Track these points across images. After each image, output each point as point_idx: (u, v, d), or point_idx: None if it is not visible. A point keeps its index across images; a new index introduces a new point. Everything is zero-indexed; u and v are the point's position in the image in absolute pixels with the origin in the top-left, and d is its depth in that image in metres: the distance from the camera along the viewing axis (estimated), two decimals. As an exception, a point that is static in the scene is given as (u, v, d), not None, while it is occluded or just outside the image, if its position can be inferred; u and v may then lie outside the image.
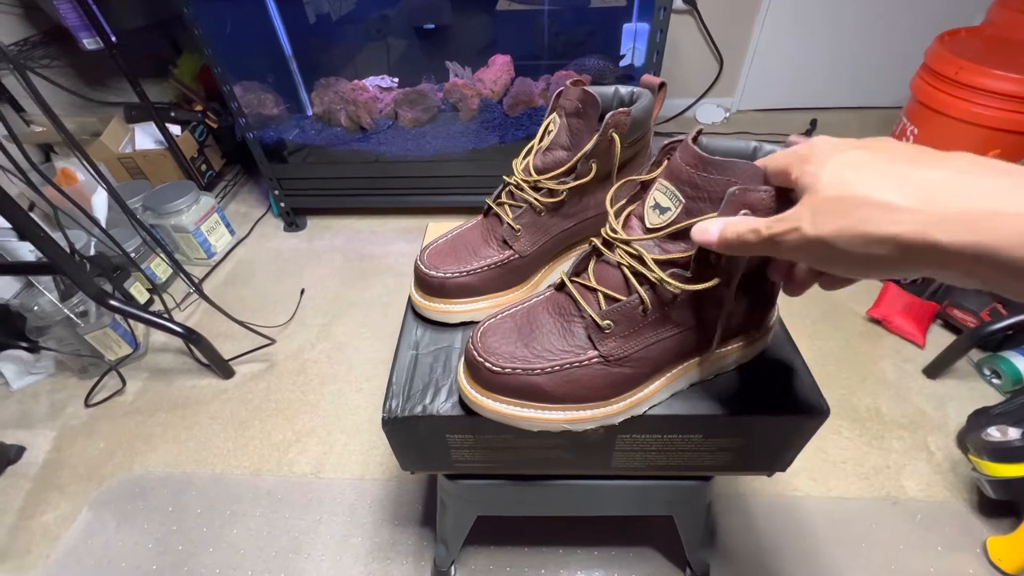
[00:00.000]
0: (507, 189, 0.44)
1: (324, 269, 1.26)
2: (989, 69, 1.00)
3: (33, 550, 0.76)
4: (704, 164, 0.29)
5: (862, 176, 0.21)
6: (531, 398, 0.35)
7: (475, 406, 0.37)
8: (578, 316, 0.36)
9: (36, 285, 0.92)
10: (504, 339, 0.36)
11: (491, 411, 0.36)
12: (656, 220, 0.32)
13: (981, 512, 0.74)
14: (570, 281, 0.37)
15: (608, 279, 0.35)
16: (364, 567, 0.72)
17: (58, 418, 0.95)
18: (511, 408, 0.36)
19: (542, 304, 0.38)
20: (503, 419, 0.36)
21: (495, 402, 0.36)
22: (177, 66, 1.47)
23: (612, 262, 0.35)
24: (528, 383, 0.35)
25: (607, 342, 0.34)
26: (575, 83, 0.40)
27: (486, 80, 1.29)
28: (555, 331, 0.36)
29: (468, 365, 0.37)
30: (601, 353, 0.34)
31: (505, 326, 0.37)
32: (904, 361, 0.96)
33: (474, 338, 0.37)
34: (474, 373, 0.36)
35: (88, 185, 1.19)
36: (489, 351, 0.35)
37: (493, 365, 0.35)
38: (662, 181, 0.32)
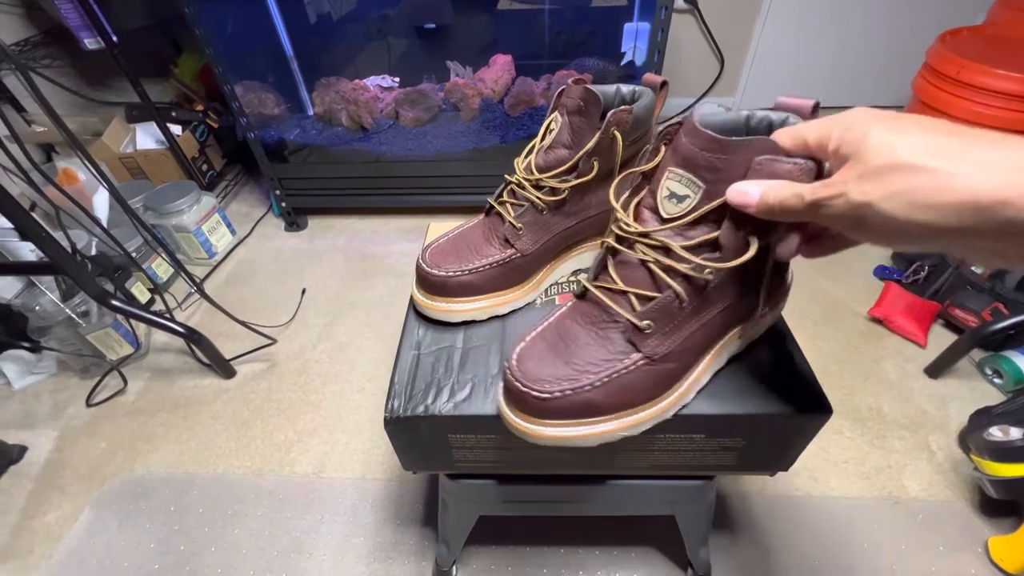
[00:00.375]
0: (509, 188, 0.44)
1: (325, 269, 1.26)
2: (991, 68, 1.00)
3: (35, 550, 0.76)
4: (721, 146, 0.29)
5: (911, 142, 0.21)
6: (584, 415, 0.33)
7: (528, 436, 0.34)
8: (612, 322, 0.34)
9: (38, 285, 0.92)
10: (541, 361, 0.34)
11: (547, 438, 0.34)
12: (674, 209, 0.31)
13: (983, 512, 0.74)
14: (594, 287, 0.36)
15: (634, 278, 0.34)
16: (366, 567, 0.72)
17: (60, 418, 0.95)
18: (566, 430, 0.34)
19: (567, 316, 0.37)
20: (561, 443, 0.34)
21: (549, 428, 0.33)
22: (178, 66, 1.47)
23: (633, 260, 0.34)
24: (580, 402, 0.33)
25: (648, 342, 0.33)
26: (577, 81, 0.40)
27: (487, 80, 1.29)
28: (592, 342, 0.35)
29: (511, 396, 0.34)
30: (645, 354, 0.33)
31: (538, 347, 0.35)
32: (906, 361, 0.96)
33: (511, 367, 0.34)
34: (520, 403, 0.34)
35: (89, 185, 1.20)
36: (531, 378, 0.33)
37: (540, 392, 0.33)
38: (673, 169, 0.31)
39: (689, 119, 0.31)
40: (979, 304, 0.93)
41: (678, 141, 0.31)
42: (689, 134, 0.30)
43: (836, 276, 1.14)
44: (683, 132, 0.31)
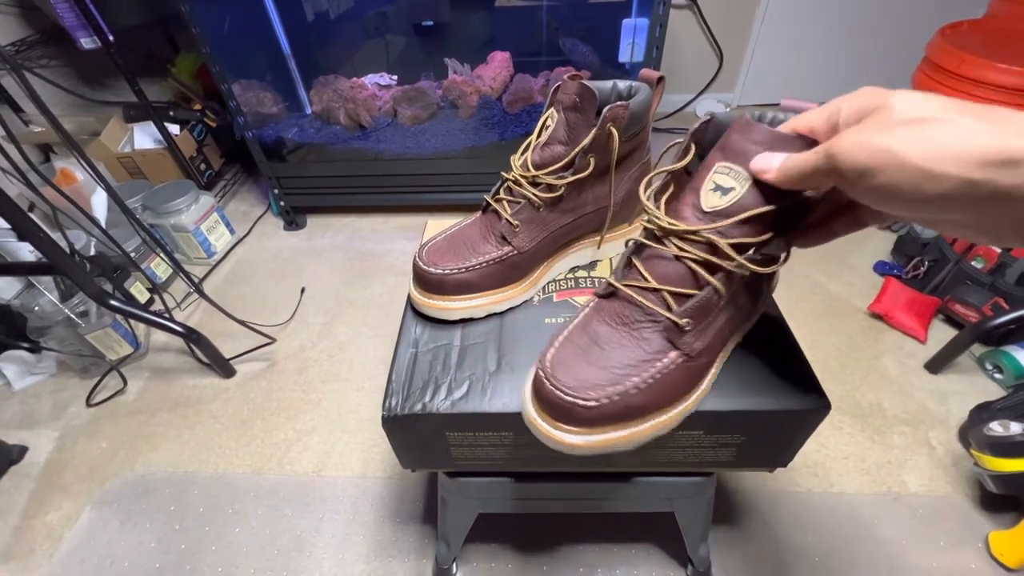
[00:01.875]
0: (505, 185, 0.44)
1: (324, 268, 1.26)
2: (991, 62, 0.99)
3: (36, 550, 0.76)
4: (779, 140, 0.29)
5: (936, 101, 0.22)
6: (628, 418, 0.33)
7: (576, 449, 0.33)
8: (648, 321, 0.34)
9: (36, 286, 0.92)
10: (577, 369, 0.33)
11: (596, 447, 0.33)
12: (717, 202, 0.31)
13: (983, 507, 0.74)
14: (624, 286, 0.35)
15: (669, 275, 0.33)
16: (366, 565, 0.72)
17: (60, 418, 0.95)
18: (608, 435, 0.33)
19: (593, 317, 0.36)
20: (606, 449, 0.33)
21: (596, 435, 0.32)
22: (175, 65, 1.46)
23: (667, 255, 0.33)
24: (627, 406, 0.32)
25: (686, 339, 0.33)
26: (572, 77, 0.40)
27: (485, 77, 1.29)
28: (626, 343, 0.34)
29: (554, 409, 0.33)
30: (683, 351, 0.33)
31: (569, 354, 0.34)
32: (906, 356, 0.95)
33: (548, 378, 0.33)
34: (567, 416, 0.32)
35: (87, 185, 1.19)
36: (575, 388, 0.32)
37: (587, 400, 0.31)
38: (723, 163, 0.31)
39: (742, 117, 0.31)
40: (979, 299, 0.93)
41: (728, 139, 0.31)
42: (742, 130, 0.30)
43: (836, 272, 1.14)
44: (735, 129, 0.31)
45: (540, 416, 0.34)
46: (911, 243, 1.10)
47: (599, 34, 1.28)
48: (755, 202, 0.30)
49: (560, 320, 0.45)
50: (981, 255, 0.95)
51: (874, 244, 1.21)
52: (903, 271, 1.09)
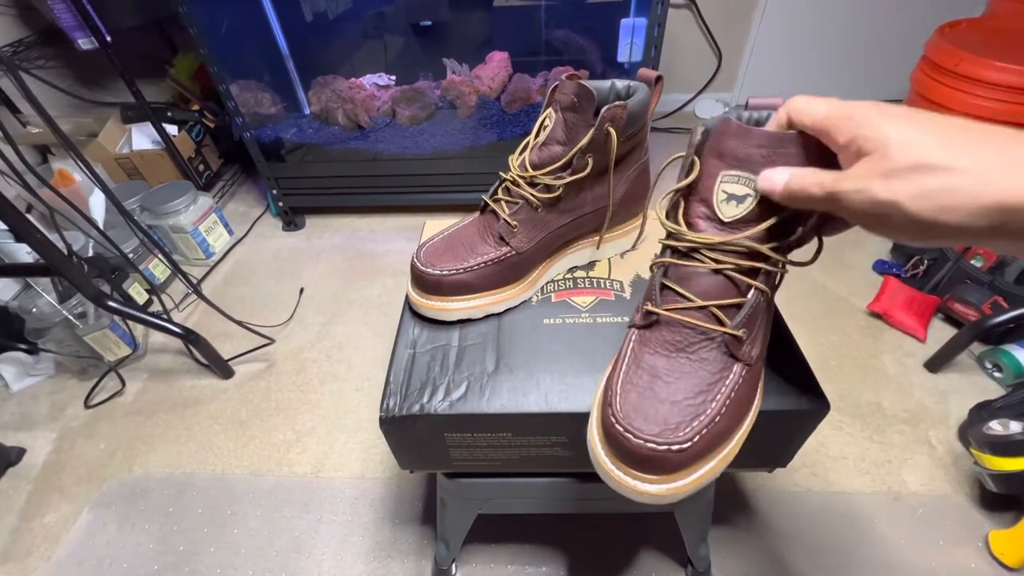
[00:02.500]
0: (503, 185, 0.44)
1: (323, 268, 1.26)
2: (990, 61, 0.99)
3: (34, 551, 0.76)
4: (780, 141, 0.29)
5: (934, 142, 0.21)
6: (716, 446, 0.31)
7: (670, 497, 0.31)
8: (703, 340, 0.33)
9: (34, 287, 0.92)
10: (651, 411, 0.31)
11: (691, 487, 0.31)
12: (734, 211, 0.31)
13: (983, 506, 0.73)
14: (665, 311, 0.33)
15: (710, 290, 0.32)
16: (365, 566, 0.72)
17: (58, 419, 0.95)
18: (700, 471, 0.31)
19: (643, 351, 0.34)
20: (694, 490, 0.31)
21: (690, 476, 0.31)
22: (173, 65, 1.46)
23: (703, 271, 0.32)
24: (717, 433, 0.31)
25: (746, 349, 0.32)
26: (570, 77, 0.40)
27: (484, 77, 1.29)
28: (688, 368, 0.32)
29: (639, 460, 0.30)
30: (744, 362, 0.32)
31: (634, 397, 0.32)
32: (905, 355, 0.95)
33: (627, 430, 0.30)
34: (654, 466, 0.30)
35: (85, 186, 1.19)
36: (658, 433, 0.30)
37: (681, 444, 0.30)
38: (729, 172, 0.31)
39: (727, 123, 0.31)
40: (979, 298, 0.93)
41: (724, 145, 0.31)
42: (738, 135, 0.30)
43: (835, 271, 1.13)
44: (728, 135, 0.31)
45: (618, 467, 0.31)
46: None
47: (597, 34, 1.28)
48: (773, 205, 0.30)
49: (558, 321, 0.45)
50: (980, 254, 0.95)
51: (873, 243, 1.21)
52: (902, 270, 1.09)
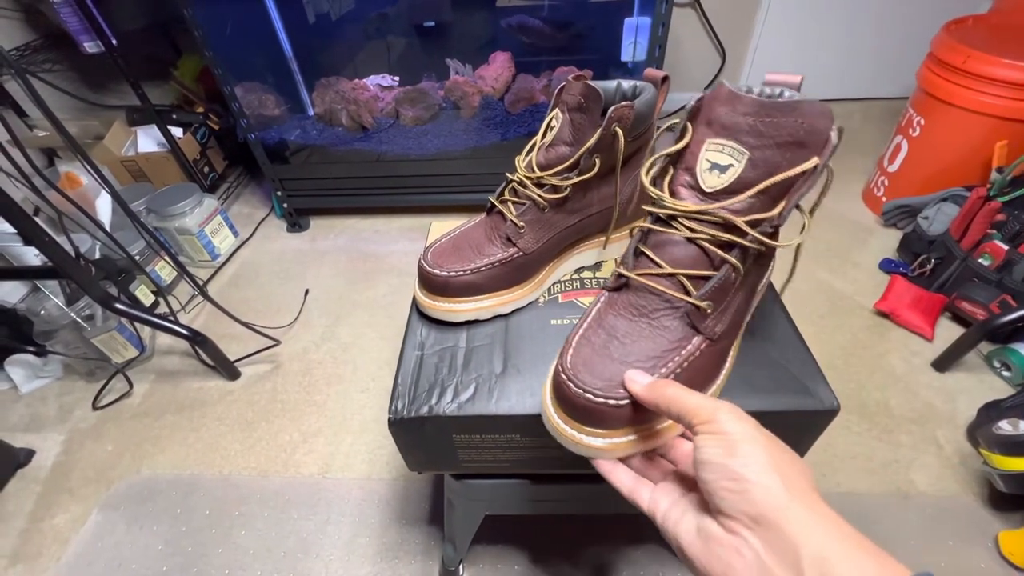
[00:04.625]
0: (510, 186, 0.44)
1: (328, 269, 1.26)
2: (997, 57, 0.99)
3: (44, 552, 0.77)
4: (768, 109, 0.28)
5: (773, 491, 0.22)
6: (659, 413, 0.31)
7: (608, 453, 0.31)
8: (667, 308, 0.32)
9: (42, 289, 0.92)
10: (600, 367, 0.31)
11: (630, 447, 0.31)
12: (716, 181, 0.30)
13: (992, 506, 0.73)
14: (635, 275, 0.33)
15: (682, 258, 0.32)
16: (372, 566, 0.72)
17: (66, 421, 0.95)
18: (639, 434, 0.31)
19: (607, 312, 0.34)
20: (636, 450, 0.31)
21: (628, 436, 0.31)
22: (178, 68, 1.47)
23: (678, 239, 0.32)
24: None
25: (710, 323, 0.32)
26: (577, 78, 0.40)
27: (487, 77, 1.29)
28: (647, 333, 0.32)
29: (581, 412, 0.30)
30: (706, 335, 0.32)
31: (588, 353, 0.32)
32: (912, 355, 0.95)
33: (571, 380, 0.30)
34: (593, 418, 0.30)
35: (92, 188, 1.20)
36: (601, 387, 0.30)
37: (618, 399, 0.29)
38: (715, 140, 0.30)
39: (721, 87, 0.30)
40: (986, 296, 0.93)
41: (713, 112, 0.30)
42: (727, 102, 0.29)
43: (841, 270, 1.13)
44: (718, 101, 0.30)
45: (563, 419, 0.32)
46: (917, 241, 1.09)
47: (601, 33, 1.28)
48: (757, 176, 0.29)
49: (566, 321, 0.45)
50: (988, 252, 0.94)
51: (879, 242, 1.21)
52: (909, 269, 1.08)
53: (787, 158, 0.28)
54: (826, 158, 0.28)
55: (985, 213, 0.94)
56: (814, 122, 0.27)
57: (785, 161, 0.28)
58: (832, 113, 0.27)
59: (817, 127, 0.27)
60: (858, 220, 1.29)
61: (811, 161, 0.28)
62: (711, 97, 0.31)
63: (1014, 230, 0.92)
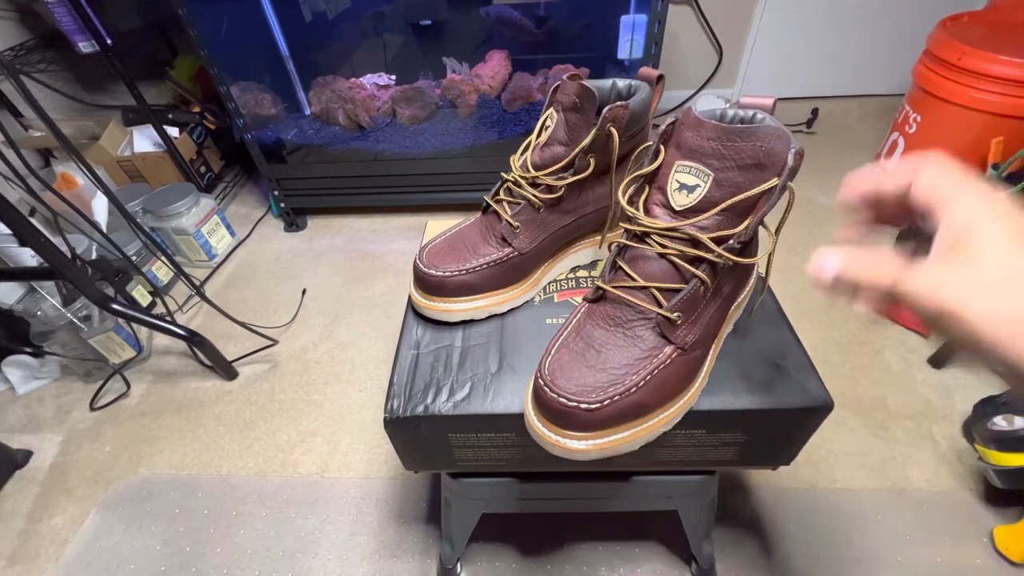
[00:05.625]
0: (505, 186, 0.44)
1: (325, 269, 1.26)
2: (993, 54, 0.99)
3: (42, 553, 0.77)
4: (729, 134, 0.30)
5: None
6: (631, 417, 0.33)
7: (581, 454, 0.33)
8: (640, 319, 0.34)
9: (39, 290, 0.92)
10: (576, 374, 0.33)
11: (601, 449, 0.33)
12: (685, 200, 0.32)
13: (987, 502, 0.73)
14: (612, 288, 0.35)
15: (654, 272, 0.34)
16: (370, 565, 0.72)
17: (64, 422, 0.95)
18: (614, 436, 0.33)
19: (586, 322, 0.36)
20: (612, 451, 0.33)
21: (601, 439, 0.33)
22: (174, 68, 1.46)
23: (650, 254, 0.34)
24: (630, 404, 0.32)
25: (680, 333, 0.34)
26: (572, 77, 0.40)
27: (484, 76, 1.29)
28: (621, 343, 0.34)
29: (556, 415, 0.33)
30: (677, 345, 0.34)
31: (566, 360, 0.34)
32: (909, 351, 0.95)
33: (547, 385, 0.33)
34: (569, 421, 0.32)
35: (88, 189, 1.19)
36: (574, 392, 0.32)
37: (590, 403, 0.32)
38: (682, 162, 0.32)
39: (688, 113, 0.32)
40: (982, 293, 0.93)
41: (681, 136, 0.32)
42: (692, 127, 0.31)
43: (838, 267, 1.13)
44: (685, 126, 0.32)
45: (543, 424, 0.34)
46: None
47: (597, 31, 1.28)
48: (721, 196, 0.31)
49: (561, 320, 0.45)
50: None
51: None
52: (905, 266, 1.08)
53: (748, 179, 0.30)
54: (784, 178, 0.29)
55: (981, 210, 0.94)
56: (772, 145, 0.29)
57: (747, 182, 0.30)
58: (790, 136, 0.29)
59: (775, 150, 0.29)
60: (855, 217, 1.29)
61: (771, 182, 0.30)
62: (680, 122, 0.33)
63: (1010, 227, 0.92)
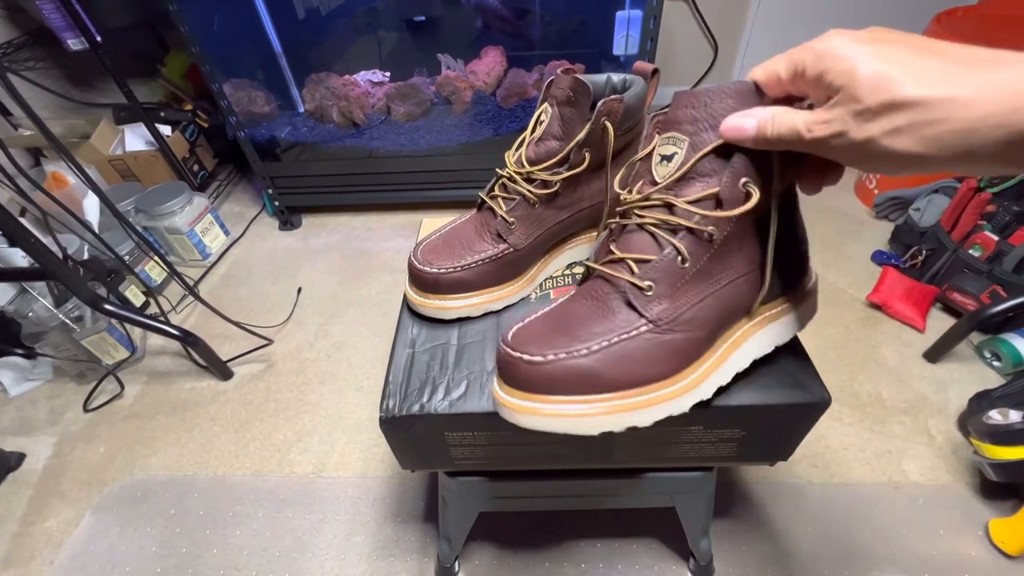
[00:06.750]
0: (500, 182, 0.44)
1: (320, 267, 1.25)
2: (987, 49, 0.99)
3: (36, 557, 0.76)
4: (699, 96, 0.30)
5: (906, 73, 0.21)
6: (582, 389, 0.30)
7: (518, 416, 0.31)
8: (614, 291, 0.33)
9: (30, 291, 0.91)
10: (539, 334, 0.32)
11: (544, 419, 0.30)
12: (664, 171, 0.32)
13: (983, 495, 0.74)
14: (596, 265, 0.35)
15: (633, 245, 0.33)
16: (368, 565, 0.72)
17: (57, 424, 0.94)
18: (564, 407, 0.30)
19: (570, 299, 0.36)
20: (557, 426, 0.31)
21: (544, 404, 0.30)
22: (165, 65, 1.45)
23: (632, 227, 0.33)
24: (579, 369, 0.30)
25: (652, 306, 0.31)
26: (566, 71, 0.39)
27: (479, 72, 1.28)
28: (593, 315, 0.33)
29: (502, 369, 0.32)
30: (649, 319, 0.31)
31: (536, 325, 0.34)
32: (904, 346, 0.95)
33: (504, 340, 0.33)
34: (510, 375, 0.31)
35: (79, 189, 1.18)
36: (524, 344, 0.31)
37: (532, 356, 0.30)
38: (662, 135, 0.32)
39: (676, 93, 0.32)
40: (977, 287, 0.93)
41: (666, 115, 0.33)
42: (674, 102, 0.32)
43: (833, 262, 1.13)
44: (671, 106, 0.32)
45: (498, 383, 0.33)
46: (908, 232, 1.10)
47: (592, 26, 1.27)
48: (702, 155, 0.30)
49: (558, 317, 0.45)
50: (978, 243, 0.94)
51: (871, 234, 1.21)
52: (901, 260, 1.09)
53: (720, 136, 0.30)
54: None
55: (975, 204, 0.95)
56: (742, 100, 0.29)
57: (719, 139, 0.29)
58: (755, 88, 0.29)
59: (747, 104, 0.29)
60: (850, 212, 1.30)
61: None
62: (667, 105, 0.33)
63: (1004, 221, 0.93)
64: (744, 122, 0.27)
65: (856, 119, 0.22)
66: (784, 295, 0.38)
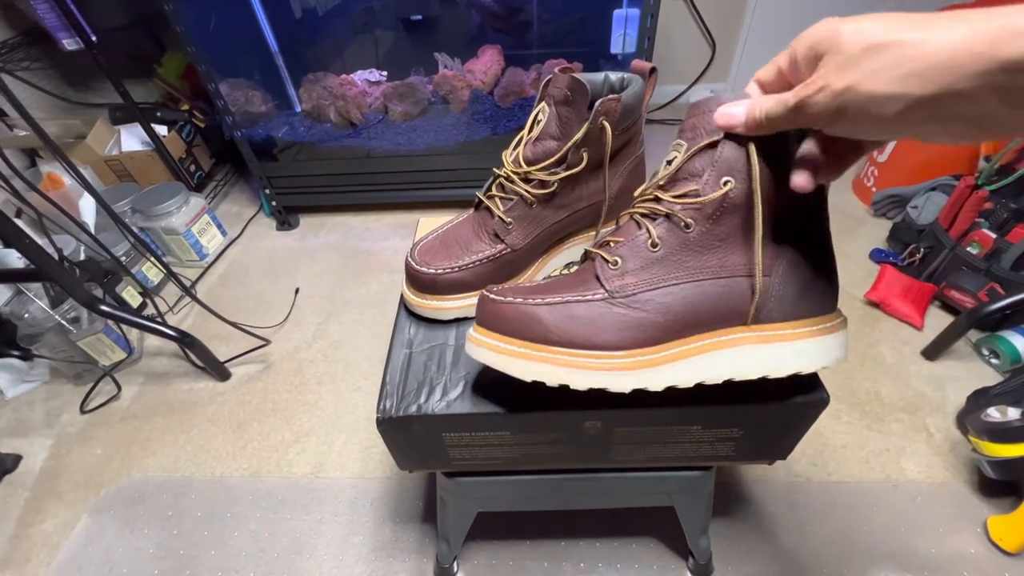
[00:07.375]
0: (497, 181, 0.43)
1: (318, 267, 1.25)
2: (984, 46, 0.99)
3: (33, 558, 0.76)
4: (701, 106, 0.32)
5: (881, 25, 0.22)
6: (528, 335, 0.33)
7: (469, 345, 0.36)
8: (592, 266, 0.36)
9: (26, 292, 0.91)
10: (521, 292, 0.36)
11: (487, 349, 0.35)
12: (663, 172, 0.34)
13: (981, 492, 0.74)
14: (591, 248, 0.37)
15: (620, 231, 0.36)
16: (366, 566, 0.71)
17: (54, 425, 0.94)
18: (505, 344, 0.34)
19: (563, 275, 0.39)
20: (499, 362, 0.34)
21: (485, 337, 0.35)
22: (161, 65, 1.44)
23: (626, 218, 0.36)
24: (526, 312, 0.33)
25: (614, 280, 0.33)
26: (564, 70, 0.39)
27: (476, 71, 1.28)
28: (569, 282, 0.36)
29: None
30: (606, 289, 0.33)
31: (525, 287, 0.37)
32: (903, 344, 0.95)
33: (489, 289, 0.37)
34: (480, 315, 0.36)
35: (75, 189, 1.18)
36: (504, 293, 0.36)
37: (496, 296, 0.35)
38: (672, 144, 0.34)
39: None
40: (975, 285, 0.93)
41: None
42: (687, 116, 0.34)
43: (832, 261, 1.13)
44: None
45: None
46: (906, 230, 1.10)
47: (590, 25, 1.27)
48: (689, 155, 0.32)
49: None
50: (976, 241, 0.94)
51: (869, 232, 1.21)
52: (899, 258, 1.09)
53: None
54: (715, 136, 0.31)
55: (973, 202, 0.95)
56: None
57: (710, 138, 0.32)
58: None
59: None
60: (848, 210, 1.30)
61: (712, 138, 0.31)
62: None
63: (1001, 218, 0.93)
64: (733, 108, 0.29)
65: (837, 70, 0.23)
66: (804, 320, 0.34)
